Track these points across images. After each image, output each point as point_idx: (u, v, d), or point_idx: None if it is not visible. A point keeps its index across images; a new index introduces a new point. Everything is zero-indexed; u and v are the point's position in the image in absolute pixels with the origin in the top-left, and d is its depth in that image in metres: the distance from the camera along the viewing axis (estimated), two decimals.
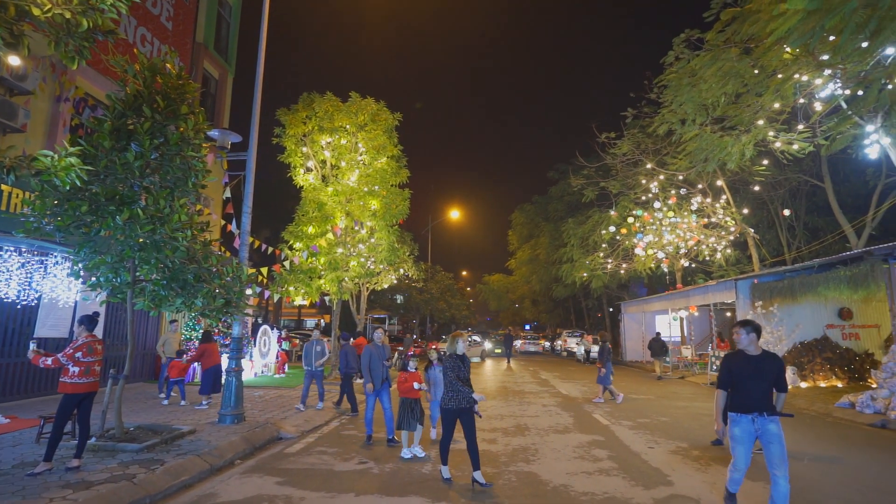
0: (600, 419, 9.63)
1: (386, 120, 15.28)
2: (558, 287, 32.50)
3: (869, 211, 17.33)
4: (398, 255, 16.61)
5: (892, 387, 9.97)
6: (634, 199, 21.87)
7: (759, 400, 4.25)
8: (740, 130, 11.18)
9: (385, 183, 15.11)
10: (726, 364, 4.47)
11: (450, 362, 5.63)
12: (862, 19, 5.32)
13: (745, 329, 4.40)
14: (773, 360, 4.34)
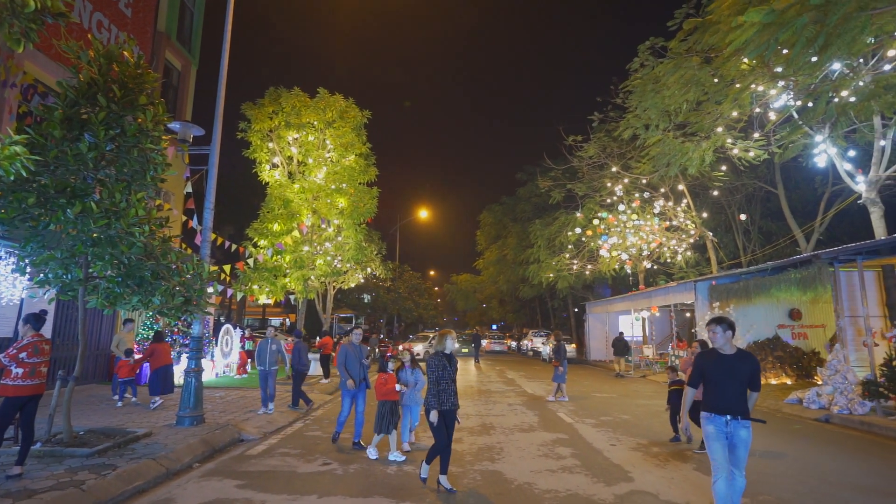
0: (564, 418, 9.77)
1: (355, 117, 15.13)
2: (525, 287, 32.88)
3: (817, 217, 18.22)
4: (366, 253, 16.48)
5: (835, 384, 10.50)
6: (600, 202, 22.34)
7: (733, 402, 4.10)
8: (701, 137, 11.59)
9: (353, 181, 14.96)
10: (699, 363, 4.34)
11: (434, 361, 5.38)
12: (812, 34, 5.60)
13: (721, 326, 4.20)
14: (748, 359, 4.17)
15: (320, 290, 17.11)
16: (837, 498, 5.15)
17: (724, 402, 4.11)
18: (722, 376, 4.14)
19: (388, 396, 6.53)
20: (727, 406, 4.10)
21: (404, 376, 6.93)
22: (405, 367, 7.00)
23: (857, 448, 7.44)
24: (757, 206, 23.39)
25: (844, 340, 10.81)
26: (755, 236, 23.55)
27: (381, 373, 6.80)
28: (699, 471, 6.07)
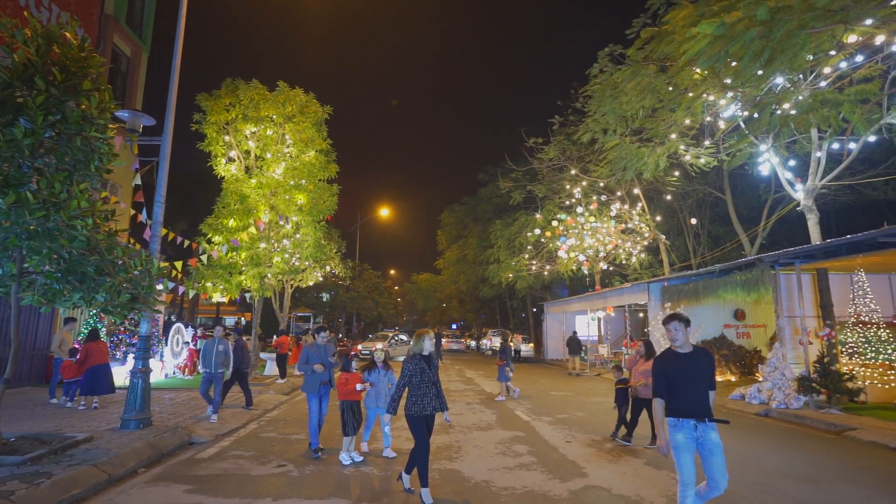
0: (522, 416, 9.91)
1: (315, 112, 14.83)
2: (485, 287, 33.16)
3: (761, 222, 19.21)
4: (325, 251, 16.19)
5: (774, 380, 11.09)
6: (559, 204, 22.79)
7: (699, 403, 3.82)
8: (656, 143, 12.02)
9: (313, 177, 14.65)
10: (661, 368, 3.94)
11: (411, 364, 5.02)
12: (758, 48, 5.90)
13: (682, 323, 3.92)
14: (706, 355, 3.94)
15: (277, 288, 16.69)
16: (775, 487, 5.44)
17: (691, 405, 3.81)
18: (686, 378, 3.84)
19: (350, 396, 6.34)
20: (693, 408, 3.81)
21: (375, 377, 6.68)
22: (378, 368, 6.74)
23: (793, 440, 7.88)
24: (706, 210, 24.44)
25: (783, 339, 11.43)
26: (704, 240, 24.60)
27: (342, 372, 6.57)
28: (650, 465, 6.27)
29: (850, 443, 7.77)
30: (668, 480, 5.64)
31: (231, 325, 40.94)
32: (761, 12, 5.23)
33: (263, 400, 11.11)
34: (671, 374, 3.88)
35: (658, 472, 5.99)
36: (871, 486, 5.55)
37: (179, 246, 11.93)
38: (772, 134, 11.59)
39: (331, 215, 15.85)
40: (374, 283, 39.11)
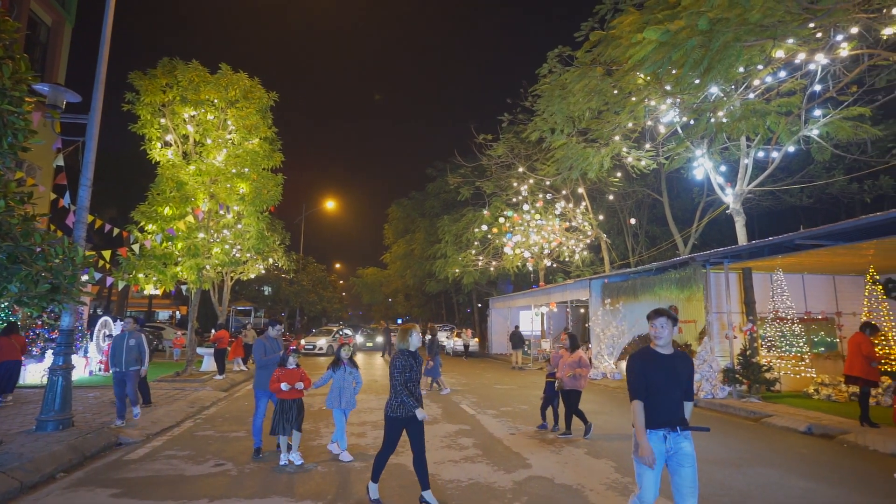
0: (467, 409, 10.01)
1: (260, 98, 14.24)
2: (431, 282, 33.23)
3: (694, 223, 20.35)
4: (268, 243, 15.63)
5: (703, 372, 11.80)
6: (506, 201, 23.16)
7: (672, 411, 3.41)
8: (601, 143, 12.45)
9: (256, 166, 14.08)
10: (640, 367, 3.48)
11: (400, 361, 4.71)
12: (699, 56, 6.24)
13: (670, 320, 3.48)
14: (685, 359, 3.52)
15: (216, 280, 15.96)
16: (703, 472, 5.75)
17: (662, 414, 3.39)
18: (663, 382, 3.41)
19: (290, 394, 5.97)
20: (665, 417, 3.39)
21: (340, 375, 6.29)
22: (343, 365, 6.34)
23: (717, 428, 8.41)
24: (645, 211, 25.60)
25: (711, 334, 12.17)
26: (642, 239, 25.77)
27: (278, 367, 6.11)
28: (590, 455, 6.50)
29: (767, 428, 8.39)
30: (607, 469, 5.87)
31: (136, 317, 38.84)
32: (702, 22, 5.53)
33: (200, 397, 10.62)
34: (650, 377, 3.41)
35: (598, 461, 6.21)
36: (784, 467, 6.02)
37: (108, 234, 11.13)
38: (706, 140, 12.27)
39: (275, 206, 15.31)
40: (319, 277, 38.27)
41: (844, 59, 10.01)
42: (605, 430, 8.05)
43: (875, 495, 5.13)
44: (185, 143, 14.16)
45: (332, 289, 41.64)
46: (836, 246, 9.05)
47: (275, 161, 14.70)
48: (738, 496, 5.02)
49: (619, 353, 16.47)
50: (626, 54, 7.52)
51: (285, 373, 6.02)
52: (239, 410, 9.56)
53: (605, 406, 10.54)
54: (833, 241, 9.00)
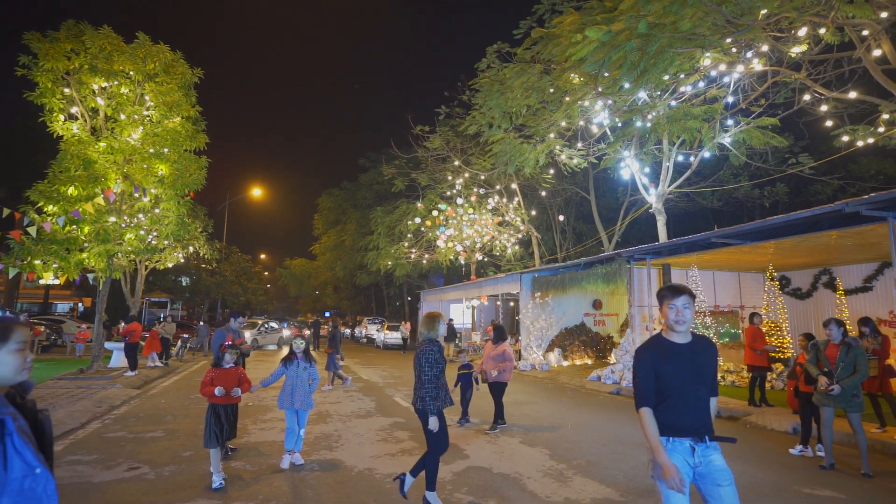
0: (401, 402, 9.94)
1: (183, 74, 13.21)
2: (362, 274, 32.74)
3: (618, 221, 21.49)
4: (189, 230, 14.58)
5: (625, 362, 12.50)
6: (440, 194, 23.23)
7: (698, 414, 2.64)
8: (536, 140, 12.76)
9: (178, 146, 13.06)
10: (648, 362, 2.70)
11: (431, 353, 4.38)
12: (635, 59, 6.56)
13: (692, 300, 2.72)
14: (709, 348, 2.76)
15: (129, 269, 14.71)
16: (630, 455, 6.09)
17: (687, 418, 2.63)
18: (683, 378, 2.65)
19: (214, 399, 5.05)
20: (691, 422, 2.63)
21: (294, 371, 5.53)
22: (297, 360, 5.59)
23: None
24: (572, 209, 26.68)
25: (634, 326, 12.90)
26: (570, 235, 26.86)
27: (212, 368, 5.22)
28: (525, 444, 6.65)
29: None
30: (542, 457, 6.02)
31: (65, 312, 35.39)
32: (642, 26, 5.79)
33: (109, 395, 9.75)
34: (663, 371, 2.66)
35: (533, 449, 6.37)
36: None
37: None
38: (635, 141, 12.93)
39: (197, 190, 14.30)
40: (243, 268, 36.48)
41: (754, 74, 10.92)
42: (537, 420, 8.28)
43: (774, 469, 5.65)
44: (94, 117, 12.87)
45: (256, 280, 39.81)
46: (744, 245, 9.88)
47: (198, 142, 13.73)
48: None
49: (548, 345, 17.08)
50: (565, 53, 7.74)
51: (220, 374, 5.14)
52: (155, 409, 8.87)
53: (534, 396, 10.86)
54: (741, 240, 9.81)
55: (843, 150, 12.10)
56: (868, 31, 8.68)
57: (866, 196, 7.25)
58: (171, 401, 9.67)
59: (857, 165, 19.49)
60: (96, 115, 12.88)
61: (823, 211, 7.82)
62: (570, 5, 10.34)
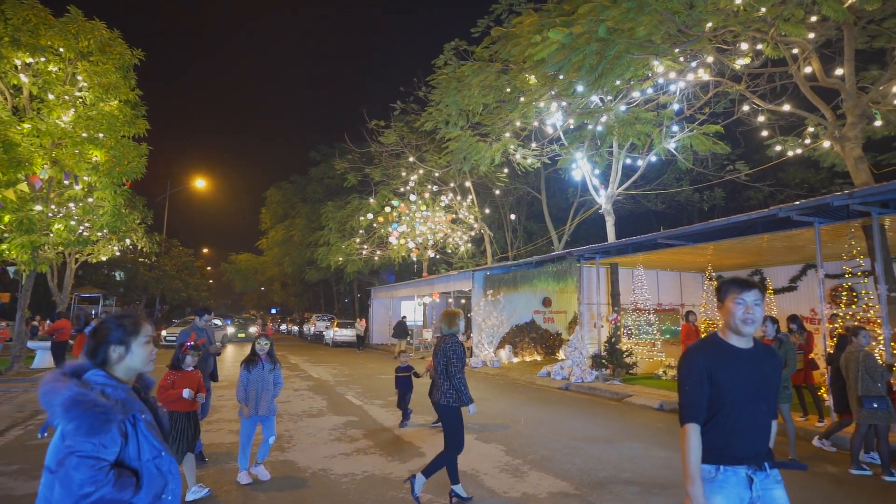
0: (353, 400, 9.77)
1: (122, 55, 12.38)
2: (312, 270, 32.00)
3: (567, 221, 22.06)
4: (126, 221, 13.71)
5: (574, 359, 12.84)
6: (393, 190, 23.01)
7: (758, 437, 2.18)
8: (492, 139, 12.87)
9: (115, 132, 12.23)
10: (702, 364, 2.18)
11: (459, 347, 4.46)
12: (594, 62, 6.74)
13: (762, 294, 2.23)
14: (773, 356, 2.29)
15: (56, 262, 13.66)
16: (581, 449, 6.25)
17: (745, 441, 2.14)
18: (743, 390, 2.16)
19: (178, 405, 4.53)
20: (749, 446, 2.15)
21: (258, 374, 5.01)
22: (261, 362, 5.09)
23: (589, 409, 9.19)
24: (524, 208, 27.15)
25: (582, 323, 13.27)
26: (521, 234, 27.32)
27: (170, 370, 4.70)
28: (481, 440, 6.69)
29: (629, 407, 9.37)
30: (497, 453, 6.07)
31: None
32: (601, 30, 5.95)
33: (32, 399, 9.02)
34: (719, 379, 2.15)
35: (488, 445, 6.41)
36: (646, 440, 6.75)
37: None
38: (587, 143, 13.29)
39: (134, 181, 13.44)
40: (185, 262, 34.72)
41: (699, 83, 11.48)
42: (491, 417, 8.36)
43: None
44: (17, 95, 11.85)
45: (199, 275, 38.01)
46: (686, 246, 10.37)
47: (138, 129, 12.91)
48: (613, 469, 5.50)
49: (499, 342, 17.30)
50: (524, 53, 7.84)
51: (181, 377, 4.62)
52: None
53: (487, 393, 10.97)
54: (685, 241, 10.29)
55: (775, 160, 12.95)
56: (798, 49, 9.32)
57: (797, 203, 7.78)
58: None
59: (785, 174, 20.93)
60: (19, 94, 11.86)
61: (759, 215, 8.33)
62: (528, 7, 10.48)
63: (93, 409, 1.60)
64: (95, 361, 1.81)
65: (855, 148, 8.33)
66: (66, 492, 1.55)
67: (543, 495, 4.68)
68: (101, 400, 1.65)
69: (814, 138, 11.41)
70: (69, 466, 1.55)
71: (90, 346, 1.83)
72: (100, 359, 1.82)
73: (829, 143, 9.66)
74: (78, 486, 1.54)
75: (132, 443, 1.68)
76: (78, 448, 1.56)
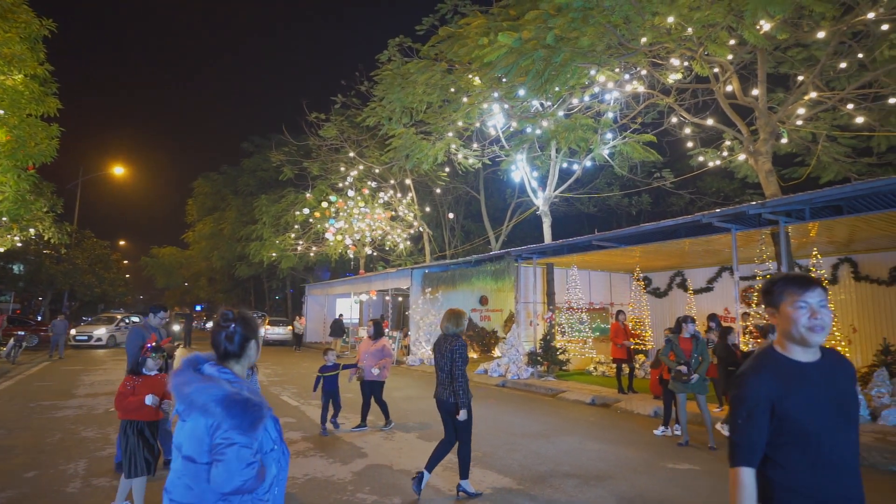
0: (289, 400, 9.47)
1: (28, 24, 11.20)
2: (242, 266, 30.63)
3: (505, 221, 22.54)
4: (30, 209, 12.43)
5: (510, 356, 13.16)
6: (332, 185, 22.49)
7: (848, 478, 1.68)
8: (435, 137, 12.89)
9: (18, 109, 11.06)
10: (763, 391, 1.71)
11: (464, 348, 4.60)
12: (541, 68, 6.94)
13: (825, 293, 1.79)
14: (843, 363, 1.82)
15: None
16: (520, 444, 6.42)
17: (835, 484, 1.67)
18: (822, 417, 1.69)
19: (140, 414, 4.08)
20: (841, 493, 1.68)
21: None
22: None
23: (525, 405, 9.46)
24: (462, 207, 27.43)
25: (519, 321, 13.62)
26: (458, 233, 27.58)
27: (128, 376, 4.24)
28: (422, 439, 6.70)
29: (563, 402, 9.74)
30: None
31: None
32: (549, 37, 6.13)
33: None
34: (788, 408, 1.68)
35: (430, 443, 6.41)
36: (581, 434, 7.05)
37: None
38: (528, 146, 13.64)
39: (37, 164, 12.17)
40: (99, 255, 31.99)
41: (633, 94, 12.13)
42: (432, 415, 8.33)
43: (641, 448, 6.34)
44: None
45: (115, 269, 35.18)
46: (618, 248, 10.93)
47: (47, 107, 11.75)
48: (552, 463, 5.69)
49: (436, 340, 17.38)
50: (472, 54, 7.91)
51: (144, 383, 4.15)
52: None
53: (426, 391, 10.99)
54: (617, 243, 10.84)
55: (697, 169, 13.92)
56: (718, 69, 10.09)
57: (717, 210, 8.42)
58: (4, 410, 8.20)
59: (704, 183, 22.56)
60: None
61: (685, 221, 8.93)
62: (474, 8, 10.59)
63: (251, 407, 1.77)
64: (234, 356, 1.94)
65: (766, 162, 9.13)
66: (227, 478, 1.70)
67: (488, 491, 4.76)
68: (254, 398, 1.81)
69: (730, 151, 12.39)
70: (231, 456, 1.70)
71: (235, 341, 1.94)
72: (241, 354, 1.95)
73: (744, 156, 10.52)
74: (239, 474, 1.70)
75: (265, 436, 1.84)
76: (237, 440, 1.72)
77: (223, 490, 1.71)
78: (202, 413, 1.74)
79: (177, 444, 1.79)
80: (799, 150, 12.08)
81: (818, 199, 7.49)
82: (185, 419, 1.78)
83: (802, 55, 10.54)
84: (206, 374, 1.84)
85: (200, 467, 1.74)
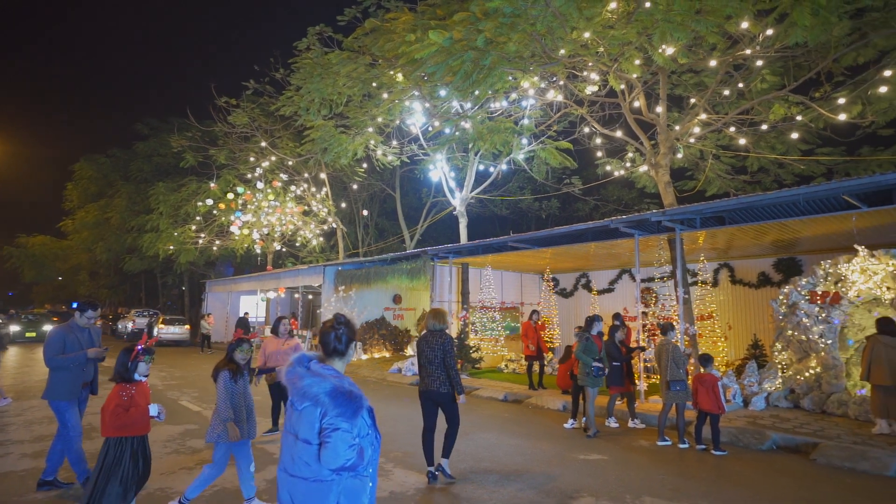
0: (190, 406, 8.78)
1: None
2: (133, 259, 27.93)
3: (420, 220, 22.62)
4: None
5: None
6: (239, 175, 21.18)
7: None
8: (355, 132, 12.59)
9: None
10: None
11: (451, 342, 5.10)
12: (470, 70, 7.01)
13: None
14: None
15: None
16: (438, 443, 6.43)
17: None
18: None
19: (133, 429, 3.67)
20: None
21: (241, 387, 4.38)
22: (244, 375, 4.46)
23: None
24: (377, 204, 27.12)
25: None
26: (372, 231, 27.24)
27: (120, 383, 3.74)
28: None
29: (478, 399, 9.95)
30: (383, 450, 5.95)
31: None
32: (479, 40, 6.21)
33: None
34: None
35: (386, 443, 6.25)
36: (497, 430, 7.25)
37: None
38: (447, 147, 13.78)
39: None
40: None
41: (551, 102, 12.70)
42: None
43: (553, 441, 6.66)
44: None
45: None
46: (531, 249, 11.39)
47: None
48: (472, 459, 5.78)
49: None
50: (399, 50, 7.82)
51: (139, 389, 3.74)
52: None
53: None
54: (531, 245, 11.30)
55: (602, 178, 14.89)
56: (624, 85, 10.90)
57: (623, 216, 9.06)
58: None
59: (607, 191, 24.26)
60: None
61: (594, 225, 9.52)
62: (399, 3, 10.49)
63: (353, 398, 2.07)
64: (339, 354, 2.28)
65: (665, 174, 9.98)
66: (334, 457, 1.99)
67: (411, 492, 4.72)
68: (355, 391, 2.10)
69: (632, 163, 13.40)
70: (336, 439, 2.00)
71: (343, 341, 2.28)
72: (345, 352, 2.30)
73: (645, 167, 11.43)
74: (343, 454, 2.00)
75: (361, 423, 2.10)
76: (341, 426, 2.02)
77: (331, 467, 2.01)
78: (313, 403, 2.05)
79: (292, 430, 2.10)
80: (689, 165, 13.36)
81: (707, 210, 8.33)
82: (299, 408, 2.08)
83: (694, 80, 11.70)
84: (313, 370, 2.13)
85: (314, 447, 2.04)
